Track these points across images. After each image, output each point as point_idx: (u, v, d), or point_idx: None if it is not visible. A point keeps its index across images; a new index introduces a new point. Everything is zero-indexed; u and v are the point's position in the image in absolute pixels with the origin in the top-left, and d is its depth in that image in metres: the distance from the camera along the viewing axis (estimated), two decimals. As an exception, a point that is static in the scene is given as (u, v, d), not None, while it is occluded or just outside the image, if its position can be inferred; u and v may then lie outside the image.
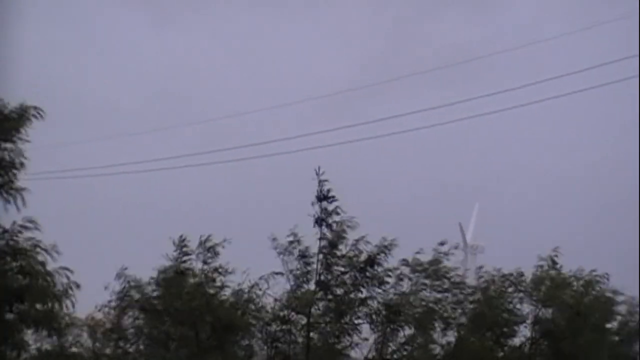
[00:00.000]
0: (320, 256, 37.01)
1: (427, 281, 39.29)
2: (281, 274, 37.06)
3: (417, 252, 39.34)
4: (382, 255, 37.35)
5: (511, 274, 41.45)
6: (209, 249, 36.96)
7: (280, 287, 37.36)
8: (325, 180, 36.69)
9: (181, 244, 36.87)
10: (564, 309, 40.73)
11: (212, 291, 37.17)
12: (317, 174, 36.41)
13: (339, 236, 36.85)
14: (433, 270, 39.35)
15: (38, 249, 30.47)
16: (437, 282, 39.50)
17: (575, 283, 41.50)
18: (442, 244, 39.56)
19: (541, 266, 41.23)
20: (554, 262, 40.97)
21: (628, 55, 34.03)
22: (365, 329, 38.30)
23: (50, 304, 30.78)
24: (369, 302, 37.74)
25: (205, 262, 37.06)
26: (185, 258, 36.95)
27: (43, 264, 30.54)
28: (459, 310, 40.60)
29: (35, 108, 31.10)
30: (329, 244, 36.85)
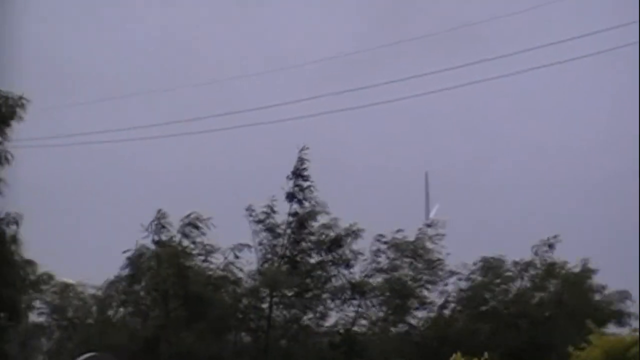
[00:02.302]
0: (289, 231, 37.43)
1: (402, 260, 39.66)
2: (248, 246, 37.43)
3: (398, 231, 39.57)
4: (349, 238, 37.79)
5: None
6: (190, 224, 37.49)
7: (252, 259, 37.95)
8: (305, 159, 37.29)
9: (159, 217, 37.38)
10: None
11: (186, 263, 37.63)
12: (300, 150, 37.11)
13: (310, 216, 37.26)
14: (411, 250, 39.53)
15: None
16: (412, 261, 39.68)
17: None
18: (428, 225, 39.75)
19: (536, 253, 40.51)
20: (551, 247, 40.25)
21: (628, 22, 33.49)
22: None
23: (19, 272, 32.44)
24: (335, 280, 38.23)
25: (185, 235, 37.58)
26: (162, 231, 37.46)
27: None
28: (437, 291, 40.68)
29: (20, 98, 31.66)
30: (299, 221, 37.21)
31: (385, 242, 39.17)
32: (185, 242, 37.52)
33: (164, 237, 37.29)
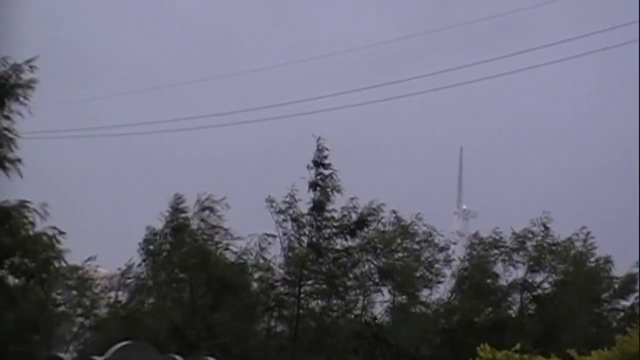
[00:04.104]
0: (310, 218, 37.66)
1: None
2: (273, 236, 37.78)
3: (417, 216, 40.24)
4: (372, 217, 38.12)
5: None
6: (207, 208, 37.82)
7: (276, 249, 38.30)
8: (325, 148, 37.52)
9: (177, 202, 37.75)
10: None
11: (210, 249, 37.94)
12: (317, 140, 37.31)
13: (326, 198, 37.52)
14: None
15: (26, 211, 31.49)
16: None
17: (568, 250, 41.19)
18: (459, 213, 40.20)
19: (532, 232, 40.84)
20: (545, 227, 40.76)
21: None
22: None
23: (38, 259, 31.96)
24: (360, 265, 38.59)
25: (203, 221, 37.89)
26: (181, 215, 37.76)
27: (32, 223, 31.63)
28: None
29: (27, 63, 30.98)
30: (316, 205, 37.47)
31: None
32: (205, 227, 37.86)
33: (181, 222, 37.68)
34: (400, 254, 39.92)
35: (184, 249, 37.74)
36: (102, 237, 41.40)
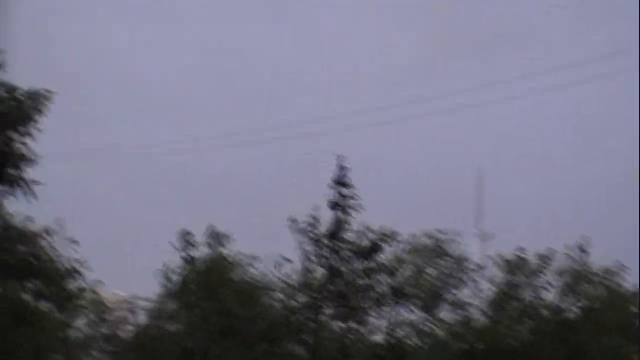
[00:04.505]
0: (328, 241, 37.53)
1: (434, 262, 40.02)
2: (289, 261, 37.69)
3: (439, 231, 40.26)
4: (383, 243, 37.92)
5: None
6: (216, 238, 37.97)
7: (292, 269, 38.04)
8: (346, 166, 37.37)
9: (185, 236, 37.76)
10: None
11: (219, 279, 37.93)
12: (338, 159, 37.16)
13: (343, 221, 37.42)
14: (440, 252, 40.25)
15: (46, 234, 31.31)
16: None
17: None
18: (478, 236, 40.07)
19: (569, 255, 40.25)
20: (583, 251, 40.11)
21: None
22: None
23: (60, 284, 31.89)
24: (376, 287, 38.31)
25: (211, 249, 38.00)
26: (190, 248, 37.85)
27: (52, 248, 31.53)
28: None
29: (46, 91, 30.68)
30: (334, 228, 37.37)
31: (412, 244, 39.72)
32: (224, 253, 37.84)
33: (195, 253, 37.65)
34: (424, 274, 39.65)
35: (198, 276, 37.71)
36: (116, 258, 41.28)
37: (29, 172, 30.89)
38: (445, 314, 40.51)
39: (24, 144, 30.72)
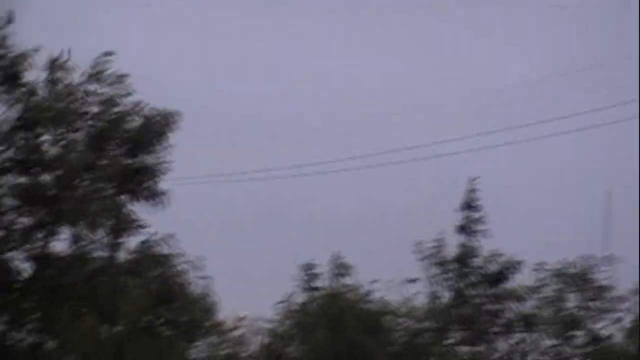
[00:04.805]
0: (457, 265, 37.25)
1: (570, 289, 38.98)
2: (414, 281, 37.40)
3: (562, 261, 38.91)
4: (510, 271, 37.35)
5: None
6: (340, 267, 37.57)
7: (416, 293, 37.84)
8: (476, 189, 37.03)
9: (308, 269, 37.75)
10: None
11: (343, 308, 37.38)
12: (469, 182, 37.05)
13: (471, 245, 37.07)
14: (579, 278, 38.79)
15: (180, 259, 30.90)
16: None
17: None
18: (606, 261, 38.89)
19: None
20: None
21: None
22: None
23: (196, 313, 31.30)
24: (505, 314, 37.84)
25: (336, 279, 37.71)
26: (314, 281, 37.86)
27: (185, 273, 30.94)
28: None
29: (176, 113, 30.92)
30: (463, 254, 37.06)
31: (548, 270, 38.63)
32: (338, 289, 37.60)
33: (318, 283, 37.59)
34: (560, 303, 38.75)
35: (322, 306, 37.57)
36: (236, 280, 41.44)
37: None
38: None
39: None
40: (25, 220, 29.77)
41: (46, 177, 29.73)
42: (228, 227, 51.78)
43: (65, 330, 28.52)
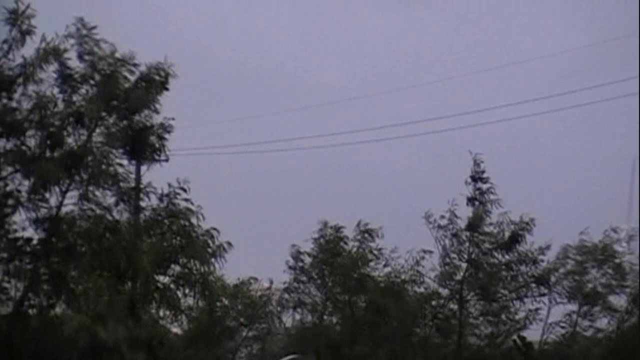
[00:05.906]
0: (468, 234, 37.50)
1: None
2: (430, 252, 37.85)
3: (582, 233, 39.19)
4: (524, 232, 37.52)
5: None
6: (365, 232, 38.24)
7: (429, 264, 38.22)
8: (481, 161, 37.27)
9: (336, 228, 38.46)
10: None
11: (365, 271, 38.26)
12: (471, 155, 37.08)
13: (484, 213, 37.28)
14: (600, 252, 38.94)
15: (191, 212, 30.47)
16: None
17: None
18: (614, 230, 38.97)
19: None
20: None
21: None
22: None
23: (205, 266, 30.89)
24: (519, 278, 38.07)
25: (361, 243, 38.32)
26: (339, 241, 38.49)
27: (198, 226, 30.54)
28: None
29: (169, 67, 29.80)
30: (473, 221, 37.20)
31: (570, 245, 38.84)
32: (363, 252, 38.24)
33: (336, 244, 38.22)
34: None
35: (340, 270, 38.15)
36: (254, 252, 41.44)
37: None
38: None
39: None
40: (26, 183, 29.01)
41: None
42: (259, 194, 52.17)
43: (75, 290, 28.88)
